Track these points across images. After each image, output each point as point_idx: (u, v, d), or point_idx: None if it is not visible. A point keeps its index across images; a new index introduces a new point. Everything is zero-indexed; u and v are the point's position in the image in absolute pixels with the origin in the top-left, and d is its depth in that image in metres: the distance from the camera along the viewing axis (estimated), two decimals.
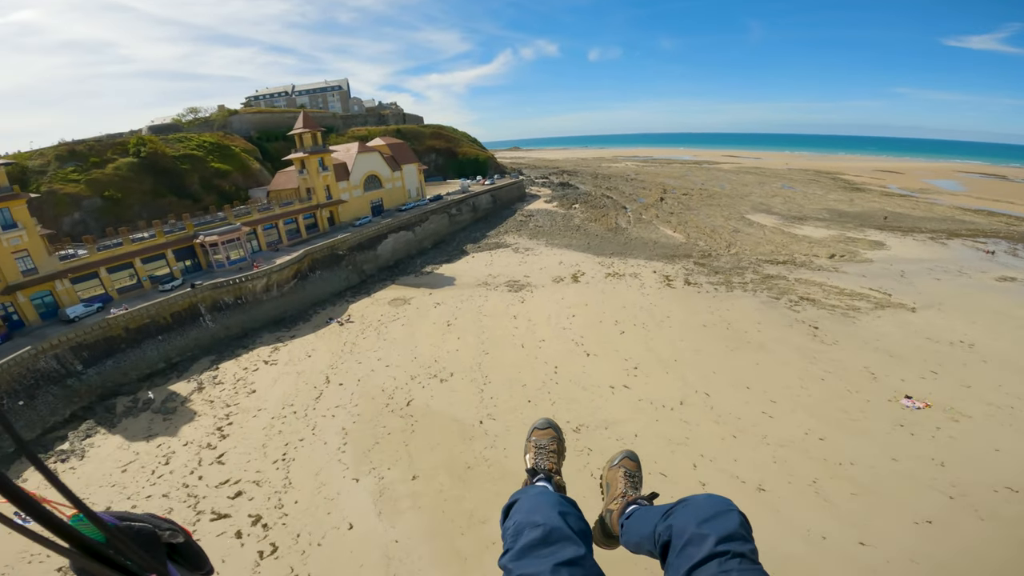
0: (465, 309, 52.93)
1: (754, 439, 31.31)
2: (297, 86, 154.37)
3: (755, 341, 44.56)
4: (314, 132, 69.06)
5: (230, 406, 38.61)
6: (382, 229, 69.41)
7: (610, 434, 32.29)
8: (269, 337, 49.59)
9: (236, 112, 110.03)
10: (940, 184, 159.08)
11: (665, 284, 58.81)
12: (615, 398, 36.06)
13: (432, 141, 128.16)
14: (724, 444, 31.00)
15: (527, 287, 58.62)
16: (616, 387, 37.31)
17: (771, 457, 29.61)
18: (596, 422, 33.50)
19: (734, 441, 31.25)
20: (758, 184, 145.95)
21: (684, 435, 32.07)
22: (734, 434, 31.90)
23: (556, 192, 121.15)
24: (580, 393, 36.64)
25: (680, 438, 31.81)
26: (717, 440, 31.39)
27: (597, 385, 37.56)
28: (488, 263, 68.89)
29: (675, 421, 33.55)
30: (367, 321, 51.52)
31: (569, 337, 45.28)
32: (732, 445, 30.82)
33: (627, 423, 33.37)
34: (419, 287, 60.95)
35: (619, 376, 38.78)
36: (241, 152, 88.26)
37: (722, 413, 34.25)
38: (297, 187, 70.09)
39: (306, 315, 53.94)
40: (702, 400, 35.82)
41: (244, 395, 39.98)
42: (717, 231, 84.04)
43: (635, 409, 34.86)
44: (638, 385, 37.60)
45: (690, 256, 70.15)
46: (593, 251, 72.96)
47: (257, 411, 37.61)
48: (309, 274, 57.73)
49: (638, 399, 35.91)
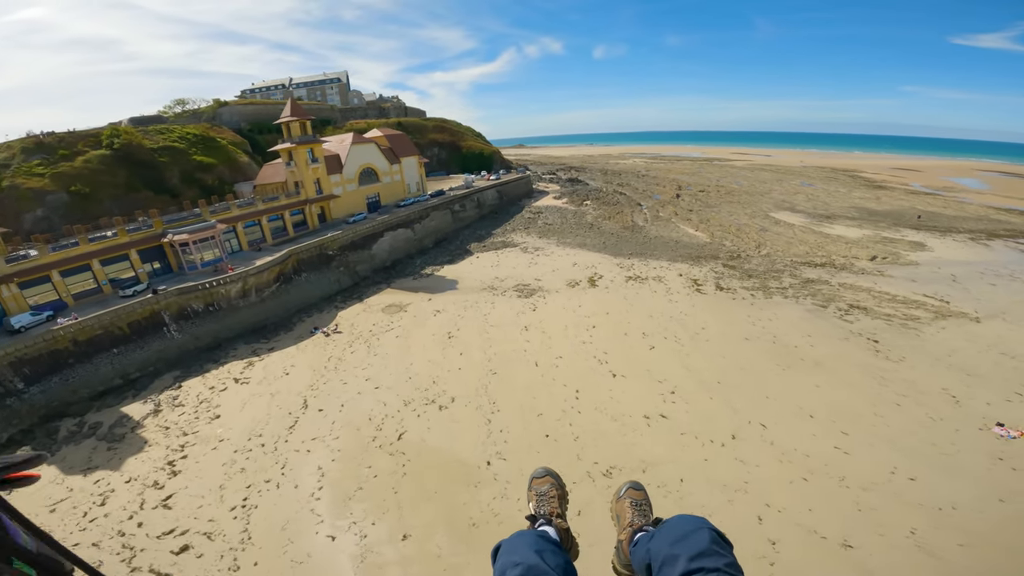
0: (469, 318, 46.46)
1: (830, 482, 25.37)
2: (295, 79, 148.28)
3: (809, 358, 38.00)
4: (303, 120, 62.79)
5: (187, 434, 32.52)
6: (378, 226, 63.05)
7: (649, 479, 25.80)
8: (244, 349, 43.29)
9: (226, 104, 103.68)
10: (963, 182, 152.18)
11: (694, 289, 52.20)
12: (651, 431, 29.56)
13: (435, 135, 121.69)
14: (794, 490, 24.91)
15: (539, 292, 52.09)
16: (651, 417, 30.79)
17: (854, 504, 23.85)
18: (631, 463, 27.07)
19: (805, 485, 25.18)
20: (776, 181, 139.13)
21: (742, 479, 25.83)
22: (804, 476, 25.82)
23: (565, 188, 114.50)
24: (608, 425, 30.12)
25: (737, 483, 25.55)
26: (783, 484, 25.27)
27: (628, 414, 31.04)
28: (494, 264, 62.41)
29: (728, 461, 27.19)
30: (357, 331, 45.10)
31: (590, 353, 38.75)
32: (803, 490, 24.78)
33: (669, 464, 26.96)
34: (417, 291, 54.54)
35: (654, 402, 32.26)
36: (228, 144, 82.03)
37: (785, 449, 27.97)
38: (284, 181, 63.80)
39: (288, 323, 47.59)
40: (758, 433, 29.37)
41: (205, 421, 33.80)
42: (743, 230, 77.30)
43: (677, 445, 28.41)
44: (678, 414, 31.08)
45: (717, 257, 63.50)
46: (610, 251, 66.36)
47: (218, 442, 31.46)
48: (294, 277, 51.40)
49: (680, 432, 29.42)
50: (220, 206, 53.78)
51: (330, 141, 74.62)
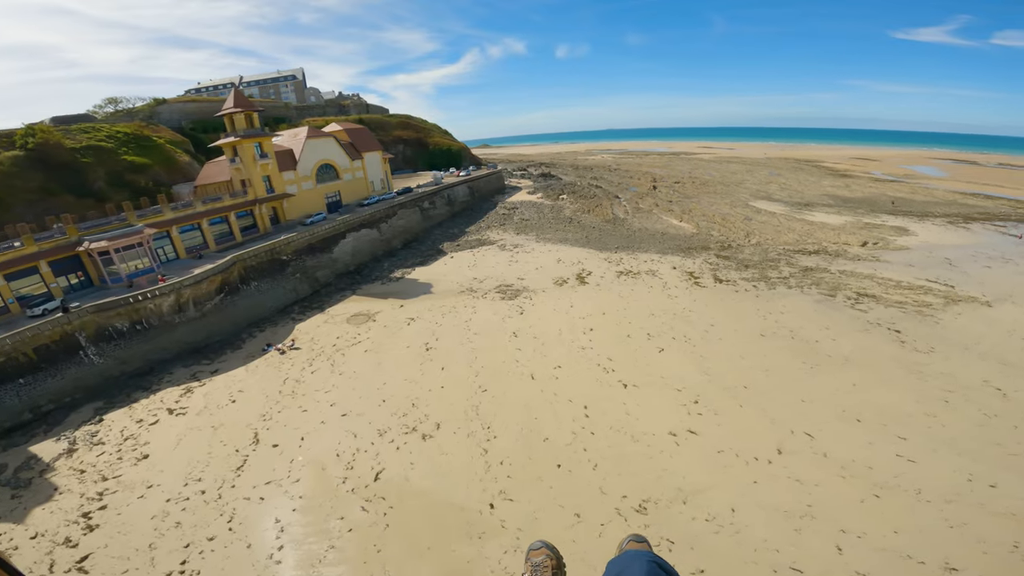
0: (448, 326, 40.70)
1: (906, 497, 21.65)
2: (246, 77, 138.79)
3: (836, 353, 34.05)
4: (248, 112, 55.64)
5: (107, 479, 26.12)
6: (339, 227, 56.44)
7: (694, 511, 21.09)
8: (181, 373, 36.38)
9: (165, 102, 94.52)
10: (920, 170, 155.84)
11: (692, 282, 47.96)
12: (682, 451, 24.66)
13: (399, 131, 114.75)
14: (867, 510, 20.98)
15: (524, 293, 46.76)
16: (678, 433, 25.90)
17: (942, 520, 20.28)
18: (666, 493, 22.11)
19: (879, 503, 21.30)
20: (746, 172, 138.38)
21: (803, 502, 21.53)
22: (875, 492, 21.92)
23: (538, 183, 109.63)
24: (630, 447, 25.05)
25: (799, 507, 21.27)
26: (854, 504, 21.27)
27: (650, 432, 26.05)
28: (471, 264, 56.74)
29: (782, 481, 22.73)
30: (318, 347, 38.71)
31: (593, 360, 33.66)
32: (879, 509, 20.95)
33: (713, 491, 22.22)
34: (387, 297, 48.35)
35: (677, 416, 27.40)
36: (166, 143, 73.52)
37: (843, 462, 23.87)
38: (229, 180, 56.46)
39: (236, 340, 40.73)
40: (806, 444, 24.99)
41: (131, 462, 27.31)
42: (728, 220, 74.09)
43: (716, 467, 23.63)
44: (708, 428, 26.32)
45: (708, 248, 59.71)
46: (594, 245, 61.67)
47: (146, 488, 25.19)
48: (241, 286, 44.46)
49: (716, 450, 24.66)
50: (151, 209, 46.30)
51: (282, 136, 67.56)
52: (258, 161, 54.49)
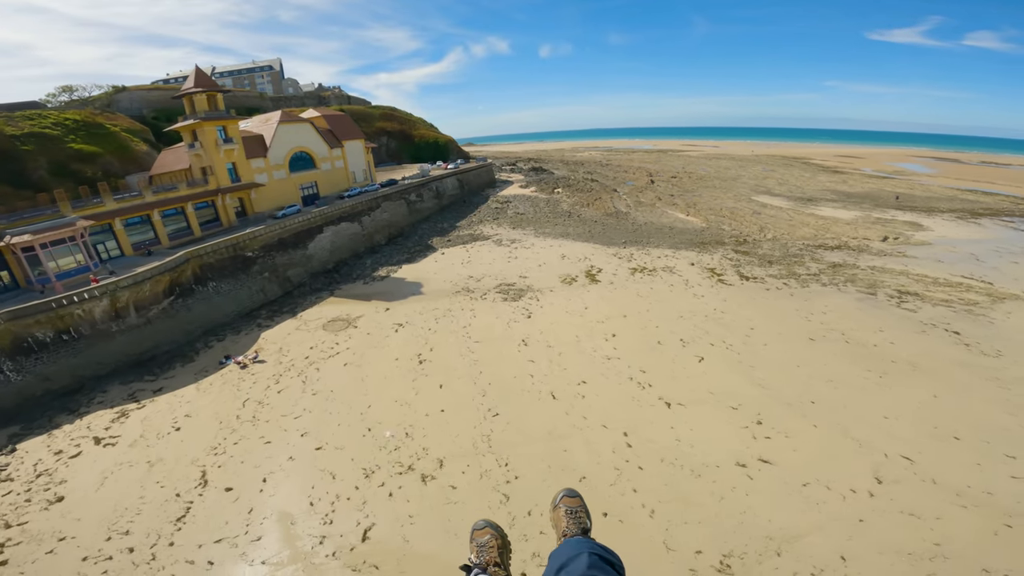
0: (443, 332, 34.77)
1: None
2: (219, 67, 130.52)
3: (900, 359, 29.24)
4: (211, 94, 48.85)
5: (11, 526, 20.53)
6: (315, 220, 49.95)
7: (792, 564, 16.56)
8: (118, 392, 29.92)
9: (124, 89, 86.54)
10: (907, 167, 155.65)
11: (716, 280, 42.90)
12: (759, 487, 19.30)
13: (383, 123, 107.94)
14: (1004, 543, 16.69)
15: (529, 293, 41.04)
16: (749, 464, 20.55)
17: None
18: (753, 543, 16.89)
19: (1015, 535, 16.94)
20: (739, 168, 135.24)
21: (928, 540, 17.18)
22: (1006, 522, 17.52)
23: (530, 177, 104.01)
24: (691, 484, 19.58)
25: (925, 548, 17.04)
26: (987, 537, 16.97)
27: (713, 463, 20.63)
28: (465, 260, 50.79)
29: (893, 517, 18.05)
30: (287, 359, 32.44)
31: (623, 373, 28.13)
32: (1017, 541, 16.67)
33: (811, 535, 17.34)
34: (370, 299, 42.17)
35: (741, 440, 22.06)
36: (121, 132, 66.02)
37: (957, 488, 19.46)
38: (189, 167, 49.60)
39: (188, 352, 34.22)
40: (908, 470, 20.12)
41: (40, 506, 21.36)
42: (736, 214, 69.57)
43: (806, 504, 18.52)
44: (783, 455, 21.05)
45: (723, 243, 54.88)
46: (599, 240, 56.31)
47: (58, 540, 19.25)
48: (196, 287, 37.85)
49: (801, 483, 19.44)
50: (90, 199, 39.43)
51: (251, 121, 60.81)
52: (221, 146, 47.74)
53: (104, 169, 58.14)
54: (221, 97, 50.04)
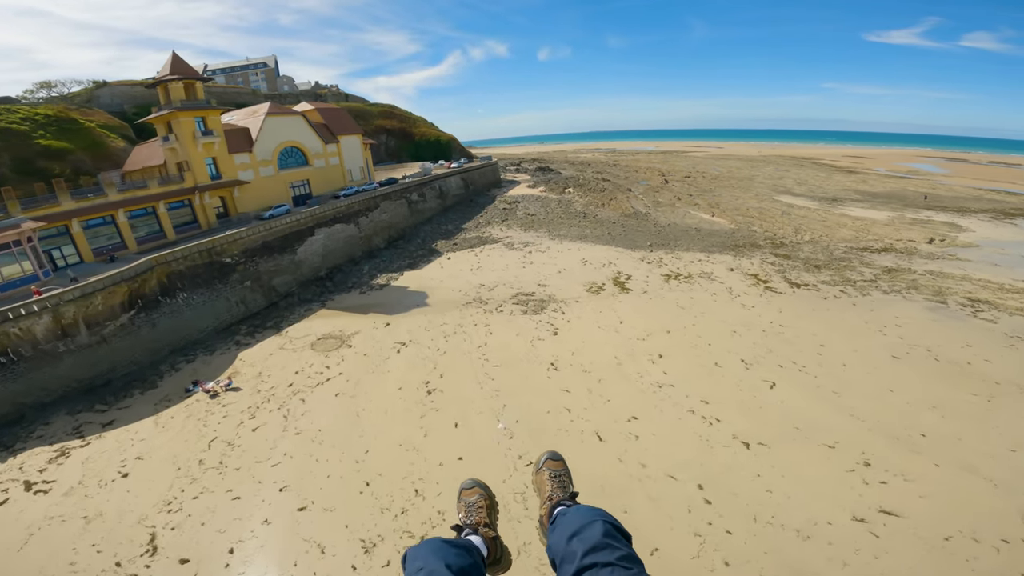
0: (455, 353, 29.31)
1: None
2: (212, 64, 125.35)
3: (1003, 379, 24.11)
4: (188, 82, 43.45)
5: None
6: (305, 221, 44.46)
7: None
8: (62, 424, 24.55)
9: (105, 85, 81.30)
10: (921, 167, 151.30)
11: (762, 287, 37.61)
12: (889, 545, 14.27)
13: (382, 121, 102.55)
14: None
15: (552, 304, 35.58)
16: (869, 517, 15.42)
17: None
18: None
19: None
20: (750, 168, 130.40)
21: None
22: None
23: (537, 177, 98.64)
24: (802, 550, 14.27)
25: None
26: None
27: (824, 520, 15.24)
28: (475, 267, 45.34)
29: None
30: (267, 386, 26.96)
31: (681, 404, 22.71)
32: None
33: None
34: (368, 311, 36.71)
35: (850, 488, 16.79)
36: (97, 127, 60.77)
37: None
38: (163, 163, 44.23)
39: (150, 375, 28.76)
40: None
41: None
42: (765, 214, 64.42)
43: (955, 563, 12.98)
44: (909, 503, 15.88)
45: (758, 245, 49.64)
46: (622, 243, 50.94)
47: None
48: (163, 300, 32.34)
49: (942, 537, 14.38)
50: (44, 198, 34.01)
51: (237, 113, 55.56)
52: (199, 139, 42.30)
53: (75, 167, 52.77)
54: (200, 85, 44.67)
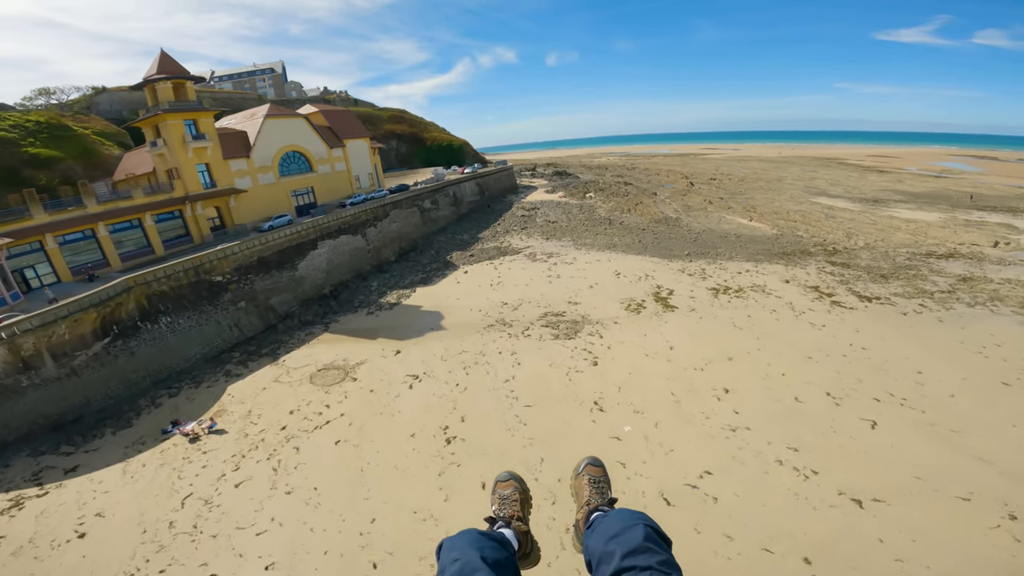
0: (477, 389, 24.76)
1: None
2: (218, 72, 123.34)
3: None
4: (178, 82, 39.74)
5: None
6: (307, 233, 40.36)
7: None
8: (22, 468, 20.76)
9: (104, 90, 78.75)
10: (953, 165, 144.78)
11: (828, 302, 32.64)
12: None
13: (392, 125, 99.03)
14: None
15: (586, 326, 30.86)
16: None
17: None
18: None
19: None
20: (775, 169, 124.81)
21: None
22: None
23: (555, 182, 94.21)
24: None
25: None
26: None
27: None
28: (494, 281, 40.85)
29: None
30: (258, 428, 22.64)
31: (763, 452, 17.85)
32: None
33: None
34: (375, 336, 32.35)
35: (1000, 549, 11.84)
36: (91, 134, 57.66)
37: None
38: (152, 171, 40.56)
39: (127, 411, 24.70)
40: None
41: None
42: (807, 217, 59.25)
43: None
44: None
45: (809, 252, 44.60)
46: (656, 252, 46.15)
47: None
48: (142, 325, 28.30)
49: None
50: (13, 211, 30.31)
51: (234, 117, 52.00)
52: (190, 144, 38.51)
53: (64, 176, 49.43)
54: (191, 86, 40.96)
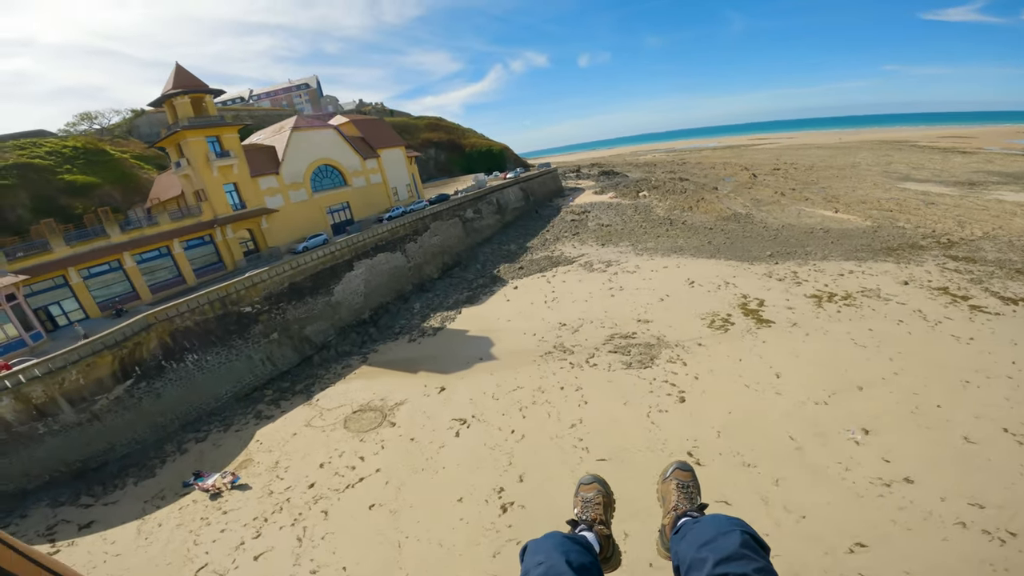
0: (537, 436, 20.27)
1: None
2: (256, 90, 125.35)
3: None
4: (197, 96, 37.44)
5: None
6: (342, 253, 37.21)
7: None
8: (38, 520, 18.71)
9: (143, 113, 79.60)
10: None
11: (966, 306, 26.32)
12: None
13: (428, 134, 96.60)
14: None
15: (663, 349, 25.81)
16: None
17: None
18: None
19: None
20: (844, 155, 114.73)
21: None
22: None
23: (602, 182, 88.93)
24: None
25: None
26: None
27: None
28: (549, 297, 36.34)
29: None
30: (284, 484, 18.99)
31: (938, 514, 12.52)
32: None
33: None
34: (416, 369, 28.40)
35: None
36: (130, 158, 57.36)
37: None
38: (181, 194, 38.54)
39: (152, 457, 21.94)
40: None
41: None
42: (904, 206, 51.68)
43: None
44: None
45: (919, 246, 37.77)
46: (730, 254, 40.39)
47: None
48: (167, 364, 25.51)
49: None
50: (32, 244, 28.41)
51: (262, 132, 50.02)
52: (214, 162, 36.13)
53: (102, 202, 48.68)
54: (211, 99, 38.58)
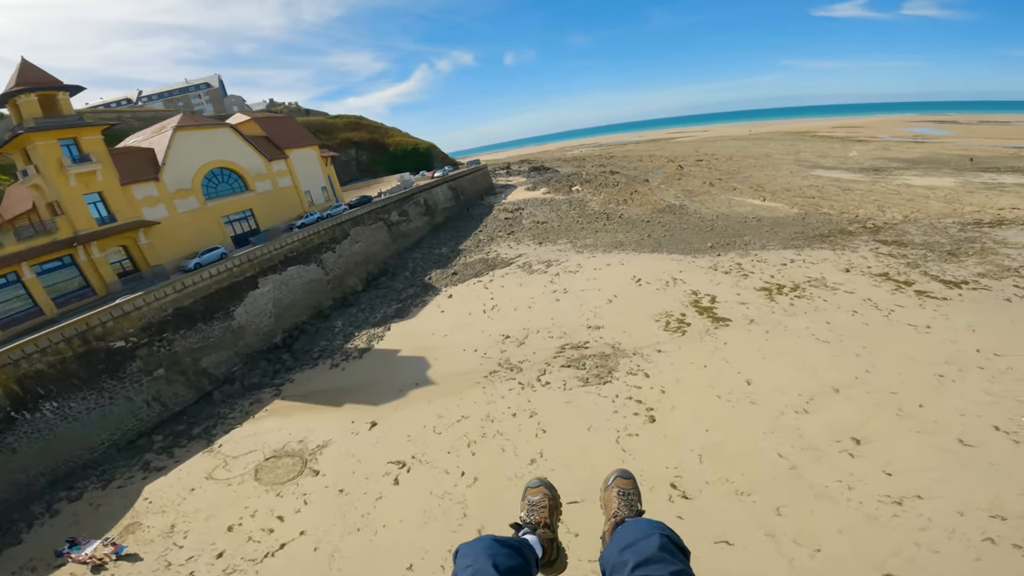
0: (490, 475, 17.01)
1: None
2: (146, 91, 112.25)
3: None
4: (48, 94, 30.57)
5: None
6: (244, 269, 31.88)
7: None
8: None
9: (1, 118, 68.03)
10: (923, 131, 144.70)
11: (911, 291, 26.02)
12: None
13: (348, 133, 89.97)
14: None
15: (620, 359, 23.22)
16: None
17: None
18: None
19: None
20: (755, 145, 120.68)
21: None
22: None
23: (533, 178, 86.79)
24: None
25: None
26: None
27: None
28: (487, 305, 32.97)
29: None
30: (184, 553, 14.58)
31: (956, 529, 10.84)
32: None
33: None
34: (342, 401, 24.18)
35: None
36: None
37: None
38: (33, 207, 31.58)
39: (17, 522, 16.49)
40: None
41: None
42: (824, 192, 53.29)
43: None
44: None
45: (850, 232, 38.28)
46: (672, 248, 39.03)
47: None
48: (19, 416, 19.79)
49: None
50: None
51: (140, 133, 43.14)
52: (70, 169, 29.63)
53: None
54: (66, 97, 31.80)
